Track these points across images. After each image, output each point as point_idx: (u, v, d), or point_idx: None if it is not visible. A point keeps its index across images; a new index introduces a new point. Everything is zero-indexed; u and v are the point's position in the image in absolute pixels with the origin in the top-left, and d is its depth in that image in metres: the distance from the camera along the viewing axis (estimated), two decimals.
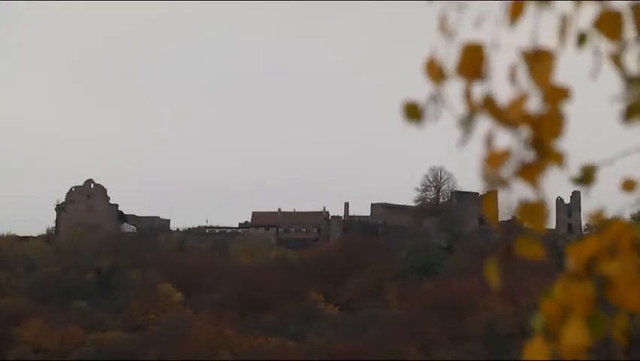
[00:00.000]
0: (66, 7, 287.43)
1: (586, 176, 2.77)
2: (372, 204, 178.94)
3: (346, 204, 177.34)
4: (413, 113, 2.63)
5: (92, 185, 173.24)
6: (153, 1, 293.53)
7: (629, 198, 2.83)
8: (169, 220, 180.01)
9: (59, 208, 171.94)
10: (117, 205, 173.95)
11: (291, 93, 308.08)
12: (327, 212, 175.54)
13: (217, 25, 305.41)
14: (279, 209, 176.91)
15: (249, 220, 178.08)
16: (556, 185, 2.80)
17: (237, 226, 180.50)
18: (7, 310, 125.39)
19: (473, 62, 2.63)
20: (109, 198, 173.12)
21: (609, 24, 2.85)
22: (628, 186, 2.81)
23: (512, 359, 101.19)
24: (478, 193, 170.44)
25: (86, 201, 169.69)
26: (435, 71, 2.65)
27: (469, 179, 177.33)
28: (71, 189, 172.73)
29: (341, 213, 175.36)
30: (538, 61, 2.75)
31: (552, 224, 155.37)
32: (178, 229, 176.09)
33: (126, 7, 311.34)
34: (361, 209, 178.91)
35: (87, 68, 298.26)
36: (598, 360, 2.77)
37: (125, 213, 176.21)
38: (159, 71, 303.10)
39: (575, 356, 2.61)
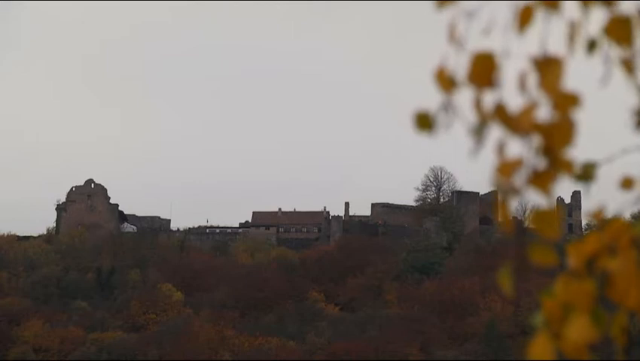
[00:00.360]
0: (68, 7, 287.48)
1: (587, 173, 2.76)
2: (372, 204, 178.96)
3: (346, 204, 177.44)
4: (425, 122, 2.62)
5: (92, 185, 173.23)
6: (153, 1, 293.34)
7: (628, 195, 2.82)
8: (169, 220, 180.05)
9: (60, 208, 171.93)
10: (117, 205, 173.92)
11: (292, 94, 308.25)
12: (328, 212, 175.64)
13: (216, 26, 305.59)
14: (279, 209, 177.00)
15: (249, 220, 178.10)
16: (556, 185, 2.79)
17: (237, 226, 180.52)
18: (7, 310, 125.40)
19: (483, 70, 2.62)
20: (109, 198, 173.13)
21: (619, 30, 2.83)
22: (626, 183, 2.81)
23: (512, 359, 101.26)
24: (478, 193, 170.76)
25: (86, 201, 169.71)
26: (446, 80, 2.63)
27: (469, 178, 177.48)
28: (72, 189, 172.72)
29: (341, 213, 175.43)
30: (548, 68, 2.73)
31: None
32: (178, 229, 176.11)
33: (126, 8, 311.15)
34: (361, 209, 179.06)
35: (89, 69, 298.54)
36: (598, 360, 2.76)
37: (125, 213, 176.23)
38: (160, 72, 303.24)
39: (578, 354, 2.60)
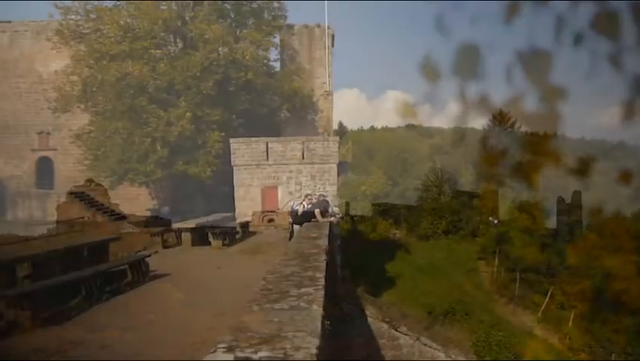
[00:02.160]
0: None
1: (583, 167, 2.77)
2: (372, 204, 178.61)
3: (347, 204, 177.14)
4: (408, 111, 2.63)
5: (91, 184, 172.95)
6: None
7: (626, 190, 2.81)
8: (169, 220, 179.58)
9: (59, 208, 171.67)
10: (117, 205, 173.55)
11: None
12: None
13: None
14: (279, 208, 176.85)
15: (249, 220, 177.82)
16: (556, 184, 2.78)
17: (237, 225, 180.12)
18: (7, 310, 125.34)
19: (468, 61, 2.62)
20: (109, 198, 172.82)
21: (606, 24, 2.84)
22: (624, 178, 2.81)
23: (511, 359, 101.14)
24: (478, 193, 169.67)
25: (85, 201, 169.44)
26: (431, 71, 2.64)
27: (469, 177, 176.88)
28: (71, 188, 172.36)
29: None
30: (534, 61, 2.73)
31: (552, 223, 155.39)
32: (178, 229, 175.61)
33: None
34: (361, 209, 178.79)
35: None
36: (598, 360, 2.78)
37: (125, 212, 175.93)
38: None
39: (575, 355, 2.61)
